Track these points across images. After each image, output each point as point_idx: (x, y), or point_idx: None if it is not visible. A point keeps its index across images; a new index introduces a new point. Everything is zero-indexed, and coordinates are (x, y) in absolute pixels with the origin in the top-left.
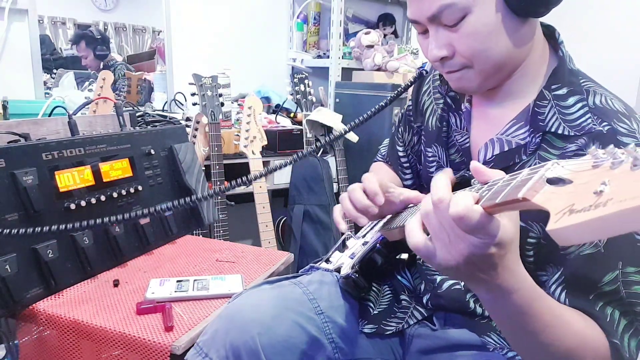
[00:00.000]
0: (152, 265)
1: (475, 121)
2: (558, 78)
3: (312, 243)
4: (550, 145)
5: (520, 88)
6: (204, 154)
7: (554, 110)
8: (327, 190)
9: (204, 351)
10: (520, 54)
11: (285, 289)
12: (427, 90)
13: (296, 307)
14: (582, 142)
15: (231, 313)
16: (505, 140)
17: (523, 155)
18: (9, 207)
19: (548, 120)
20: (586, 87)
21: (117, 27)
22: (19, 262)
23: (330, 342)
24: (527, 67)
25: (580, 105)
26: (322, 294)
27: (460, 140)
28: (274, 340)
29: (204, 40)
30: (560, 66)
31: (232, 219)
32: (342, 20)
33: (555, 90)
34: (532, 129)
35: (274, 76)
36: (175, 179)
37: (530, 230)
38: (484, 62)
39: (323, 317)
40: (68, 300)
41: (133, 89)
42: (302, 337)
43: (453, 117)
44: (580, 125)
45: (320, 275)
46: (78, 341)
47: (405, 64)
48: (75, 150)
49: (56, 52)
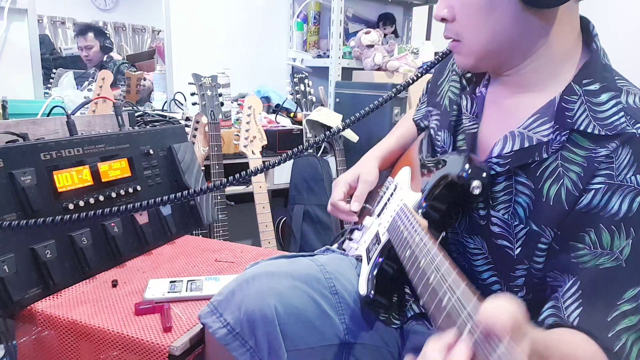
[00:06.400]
0: (151, 266)
1: (488, 109)
2: (590, 72)
3: (312, 243)
4: (576, 145)
5: (539, 80)
6: (203, 154)
7: (585, 106)
8: (327, 190)
9: (218, 311)
10: (526, 43)
11: (303, 264)
12: (448, 75)
13: (312, 282)
14: (614, 145)
15: (248, 278)
16: (527, 136)
17: (544, 154)
18: (7, 207)
19: (577, 118)
20: (620, 85)
21: (116, 27)
22: (17, 263)
23: (342, 323)
24: (547, 59)
25: (614, 103)
26: (338, 274)
27: (468, 125)
28: (289, 311)
29: (204, 40)
30: (593, 60)
31: (232, 219)
32: (342, 19)
33: (587, 86)
34: (557, 125)
35: (274, 76)
36: (174, 178)
37: (542, 236)
38: (472, 38)
39: (337, 297)
40: (66, 300)
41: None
42: (316, 312)
43: (465, 100)
44: (613, 124)
45: (338, 258)
46: (76, 342)
47: (405, 63)
48: (74, 150)
49: (55, 51)
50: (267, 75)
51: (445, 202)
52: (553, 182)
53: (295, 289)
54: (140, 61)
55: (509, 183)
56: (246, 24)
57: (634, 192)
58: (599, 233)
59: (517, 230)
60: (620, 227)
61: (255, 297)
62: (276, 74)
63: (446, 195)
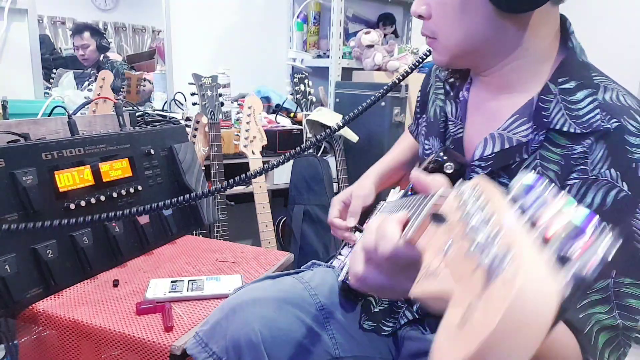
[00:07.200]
0: (152, 266)
1: (471, 112)
2: (566, 71)
3: (312, 243)
4: (553, 143)
5: (520, 81)
6: (203, 154)
7: (560, 105)
8: (327, 190)
9: (204, 341)
10: (502, 44)
11: (287, 284)
12: (432, 83)
13: (297, 302)
14: (589, 142)
15: (233, 305)
16: (507, 137)
17: (524, 154)
18: (8, 207)
19: (553, 117)
20: (597, 81)
21: (116, 27)
22: (19, 262)
23: (330, 338)
24: (525, 60)
25: (590, 100)
26: (323, 290)
27: (453, 130)
28: (275, 334)
29: (204, 40)
30: (569, 58)
31: (232, 219)
32: (342, 19)
33: (563, 84)
34: (535, 125)
35: (273, 76)
36: (175, 179)
37: None
38: (446, 37)
39: (324, 312)
40: (68, 300)
41: (133, 89)
42: (303, 331)
43: (449, 105)
44: (588, 122)
45: (323, 271)
46: (78, 341)
47: (405, 63)
48: (75, 150)
49: (56, 51)
50: (267, 75)
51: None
52: None
53: (281, 311)
54: (141, 61)
55: None
56: (246, 24)
57: (608, 186)
58: None
59: None
60: None
61: (240, 324)
62: (276, 74)
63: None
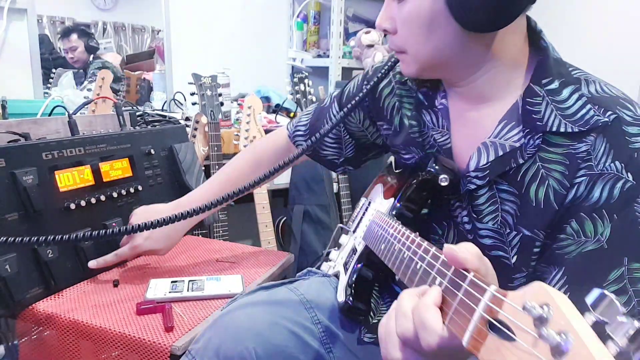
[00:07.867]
0: (152, 266)
1: (454, 123)
2: (545, 70)
3: (312, 243)
4: (551, 144)
5: (496, 90)
6: (203, 154)
7: (551, 107)
8: (327, 190)
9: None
10: (471, 58)
11: (281, 296)
12: (386, 86)
13: (292, 316)
14: (592, 138)
15: (225, 321)
16: (499, 144)
17: (520, 159)
18: (9, 207)
19: (547, 120)
20: (577, 76)
21: (116, 27)
22: (19, 262)
23: (328, 352)
24: (497, 70)
25: (577, 97)
26: (319, 302)
27: (441, 140)
28: (270, 352)
29: (204, 40)
30: (547, 57)
31: (232, 219)
32: (342, 19)
33: (547, 85)
34: (526, 129)
35: (273, 76)
36: (175, 178)
37: (536, 239)
38: (415, 52)
39: (320, 326)
40: (68, 300)
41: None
42: (299, 346)
43: (428, 115)
44: (584, 119)
45: (318, 282)
46: (78, 341)
47: None
48: (75, 149)
49: (55, 51)
50: (267, 75)
51: (418, 201)
52: (539, 184)
53: (275, 326)
54: (140, 61)
55: (492, 193)
56: (246, 24)
57: (614, 179)
58: (581, 222)
59: (510, 238)
60: (602, 214)
61: (233, 341)
62: (276, 74)
63: (417, 193)
